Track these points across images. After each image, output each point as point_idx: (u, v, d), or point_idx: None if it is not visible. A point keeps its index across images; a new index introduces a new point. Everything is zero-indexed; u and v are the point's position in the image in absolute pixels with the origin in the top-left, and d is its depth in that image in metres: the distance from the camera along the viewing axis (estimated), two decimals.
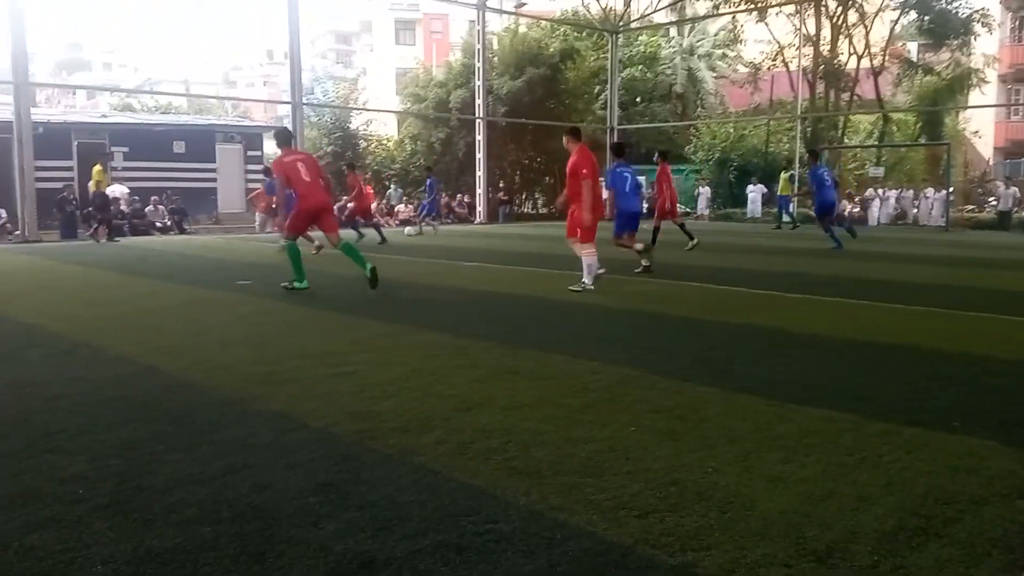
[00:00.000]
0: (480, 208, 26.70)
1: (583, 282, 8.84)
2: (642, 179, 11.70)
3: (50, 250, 15.46)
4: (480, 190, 26.47)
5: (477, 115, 26.11)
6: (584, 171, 8.68)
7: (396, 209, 26.95)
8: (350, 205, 17.14)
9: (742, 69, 36.79)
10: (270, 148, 34.26)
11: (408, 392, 4.45)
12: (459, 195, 28.62)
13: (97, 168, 18.14)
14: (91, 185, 18.29)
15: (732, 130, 31.78)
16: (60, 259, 13.33)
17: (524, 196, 30.98)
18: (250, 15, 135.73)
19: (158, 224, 20.87)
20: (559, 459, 3.34)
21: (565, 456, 3.38)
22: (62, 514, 2.79)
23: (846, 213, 27.09)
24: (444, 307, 7.91)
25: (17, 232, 18.51)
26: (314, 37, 70.65)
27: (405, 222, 25.49)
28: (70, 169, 22.18)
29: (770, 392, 4.42)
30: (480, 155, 26.04)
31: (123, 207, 21.06)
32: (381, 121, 34.37)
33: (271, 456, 3.39)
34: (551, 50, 29.44)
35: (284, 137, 9.34)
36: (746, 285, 9.43)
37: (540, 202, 31.94)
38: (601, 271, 9.14)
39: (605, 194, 10.05)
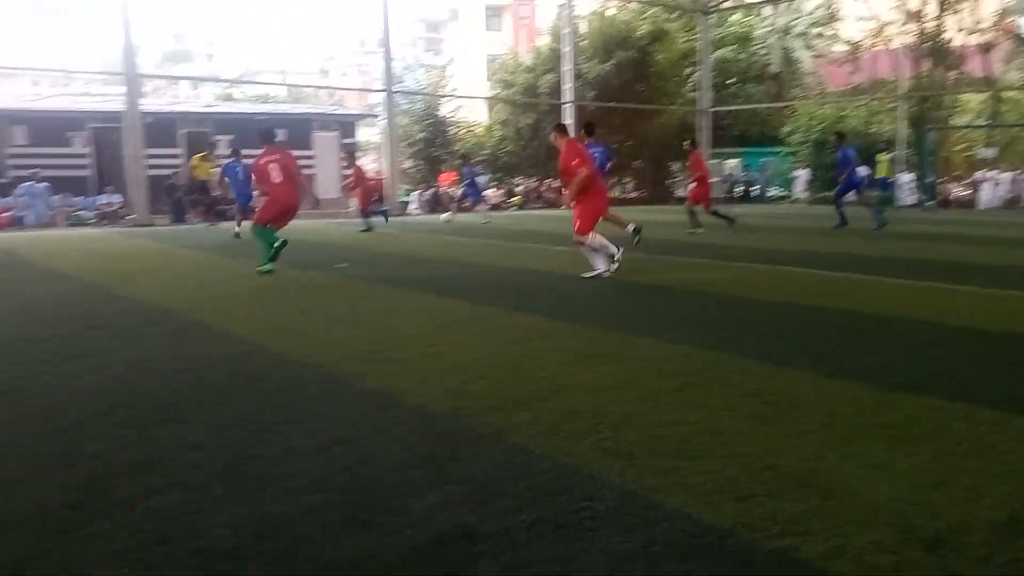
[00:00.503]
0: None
1: (603, 267, 8.58)
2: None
3: (161, 234, 16.28)
4: None
5: (565, 100, 26.03)
6: (574, 162, 8.42)
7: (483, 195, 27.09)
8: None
9: (841, 48, 35.34)
10: (363, 135, 35.10)
11: (499, 373, 4.54)
12: (547, 180, 28.62)
13: (195, 157, 18.98)
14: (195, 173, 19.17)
15: (830, 111, 30.64)
16: (170, 242, 14.04)
17: (615, 180, 30.72)
18: (344, 5, 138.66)
19: None
20: (651, 441, 3.36)
21: (657, 438, 3.39)
22: (184, 479, 2.99)
23: (950, 196, 25.82)
24: (532, 290, 7.97)
25: (131, 216, 19.59)
26: (405, 25, 71.63)
27: (494, 207, 25.69)
28: (177, 156, 23.26)
29: (870, 378, 4.30)
30: None
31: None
32: (471, 107, 34.66)
33: (372, 431, 3.53)
34: (640, 32, 29.03)
35: (265, 136, 9.51)
36: (842, 269, 9.14)
37: (630, 186, 31.63)
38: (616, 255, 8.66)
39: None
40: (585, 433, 3.46)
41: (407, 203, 24.70)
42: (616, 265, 8.62)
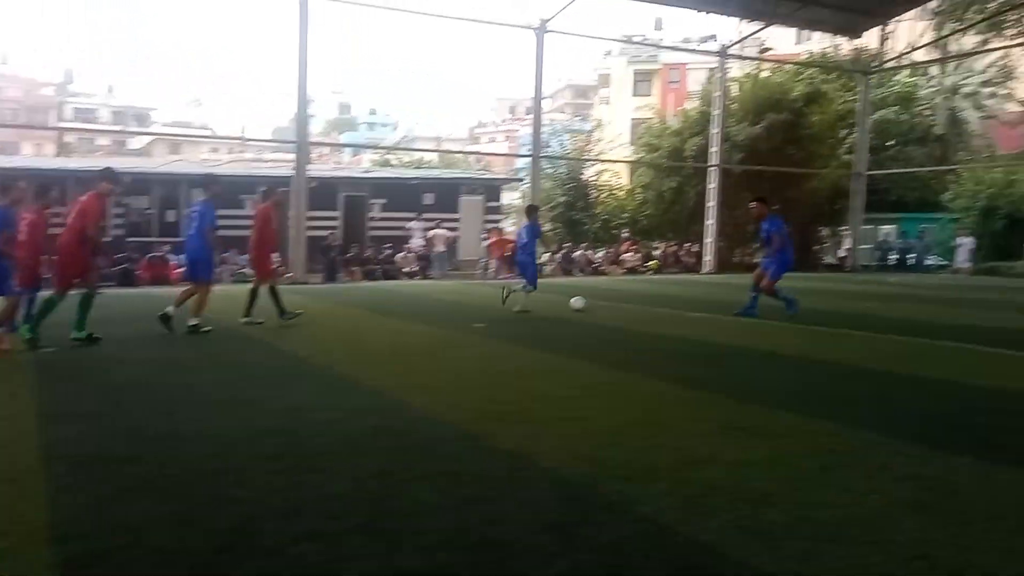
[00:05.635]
0: (708, 257, 26.15)
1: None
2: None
3: (315, 291, 17.26)
4: (709, 239, 25.95)
5: (711, 163, 25.76)
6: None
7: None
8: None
9: (1015, 108, 33.11)
10: (507, 199, 36.03)
11: (634, 441, 4.48)
12: (687, 244, 28.23)
13: None
14: None
15: (1000, 175, 28.59)
16: (324, 299, 14.83)
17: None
18: (496, 75, 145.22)
19: (405, 270, 22.59)
20: (793, 522, 3.20)
21: (800, 519, 3.23)
22: (324, 529, 3.12)
23: None
24: (669, 357, 7.84)
25: (290, 274, 20.89)
26: (553, 92, 73.75)
27: (630, 270, 25.51)
28: (336, 219, 24.69)
29: None
30: (711, 203, 25.59)
31: (442, 248, 23.24)
32: (613, 171, 34.91)
33: (504, 492, 3.57)
34: (794, 94, 28.42)
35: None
36: (1010, 347, 8.40)
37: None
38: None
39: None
40: (722, 509, 3.35)
41: (542, 266, 24.95)
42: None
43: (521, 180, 32.46)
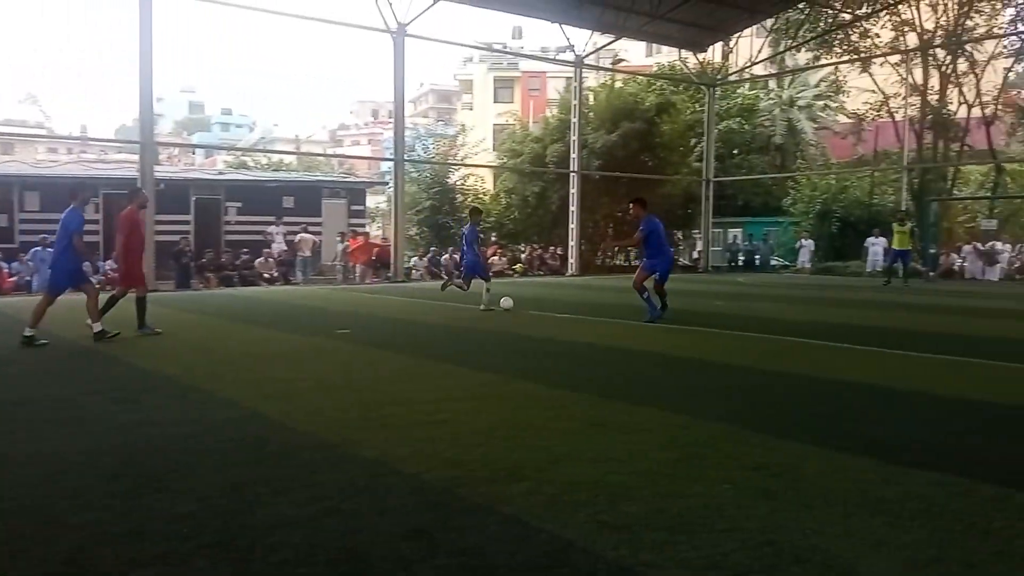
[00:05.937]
0: (572, 260, 26.80)
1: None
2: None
3: (166, 299, 16.34)
4: (572, 242, 26.60)
5: (571, 169, 26.39)
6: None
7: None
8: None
9: (844, 120, 35.96)
10: (372, 202, 35.53)
11: (498, 442, 4.49)
12: (551, 247, 28.80)
13: None
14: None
15: (834, 182, 30.96)
16: (175, 307, 14.06)
17: (616, 249, 30.90)
18: (358, 78, 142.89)
19: (266, 275, 21.79)
20: (649, 514, 3.29)
21: (656, 511, 3.33)
22: (168, 551, 2.93)
23: (956, 267, 25.75)
24: (536, 358, 7.94)
25: None
26: (416, 97, 73.43)
27: (497, 273, 25.76)
28: (188, 223, 23.52)
29: (873, 452, 4.23)
30: (573, 208, 26.22)
31: (308, 253, 22.72)
32: (478, 176, 35.13)
33: (365, 501, 3.48)
34: (647, 104, 29.58)
35: None
36: (851, 341, 9.09)
37: (633, 255, 31.76)
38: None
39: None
40: (583, 505, 3.40)
41: (410, 269, 24.81)
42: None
43: (386, 184, 32.10)
